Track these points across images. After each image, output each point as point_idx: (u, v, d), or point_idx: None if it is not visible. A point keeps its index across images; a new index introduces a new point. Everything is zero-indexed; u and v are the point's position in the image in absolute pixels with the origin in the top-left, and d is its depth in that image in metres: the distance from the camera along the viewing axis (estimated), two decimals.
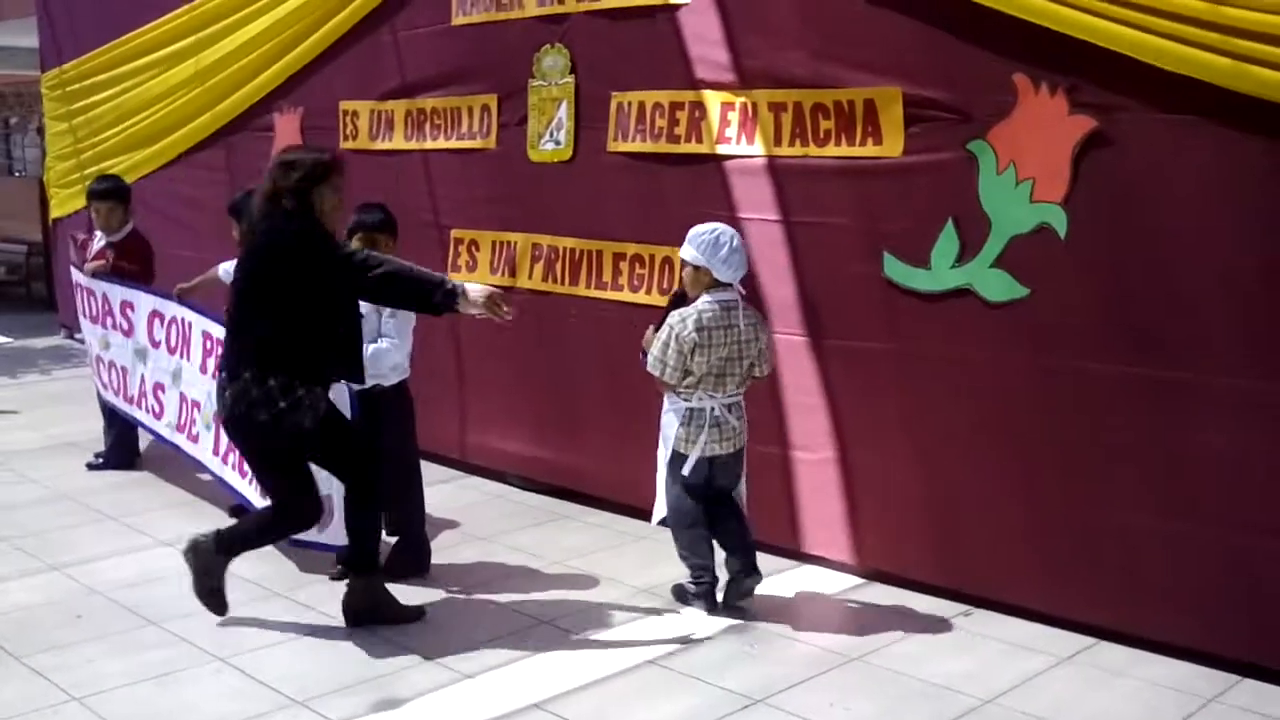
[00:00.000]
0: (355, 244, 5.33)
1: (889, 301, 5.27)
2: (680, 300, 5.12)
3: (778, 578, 5.57)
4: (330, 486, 5.41)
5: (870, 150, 5.28)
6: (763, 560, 5.70)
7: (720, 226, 5.05)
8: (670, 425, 5.12)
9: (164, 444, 6.90)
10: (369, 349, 5.29)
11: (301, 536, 5.50)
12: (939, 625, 5.05)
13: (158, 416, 6.83)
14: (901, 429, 5.32)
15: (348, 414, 5.20)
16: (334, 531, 5.42)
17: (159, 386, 6.83)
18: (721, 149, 5.81)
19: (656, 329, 5.06)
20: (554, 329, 6.65)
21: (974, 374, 5.06)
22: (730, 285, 5.03)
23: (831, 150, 5.42)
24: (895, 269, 5.22)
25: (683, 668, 4.63)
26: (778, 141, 5.60)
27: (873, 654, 4.74)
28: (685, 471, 5.07)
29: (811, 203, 5.52)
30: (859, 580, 5.53)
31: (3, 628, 4.97)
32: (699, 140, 5.90)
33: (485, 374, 7.14)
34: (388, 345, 5.36)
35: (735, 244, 5.00)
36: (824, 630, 5.01)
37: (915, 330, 5.21)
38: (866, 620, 5.11)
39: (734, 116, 5.75)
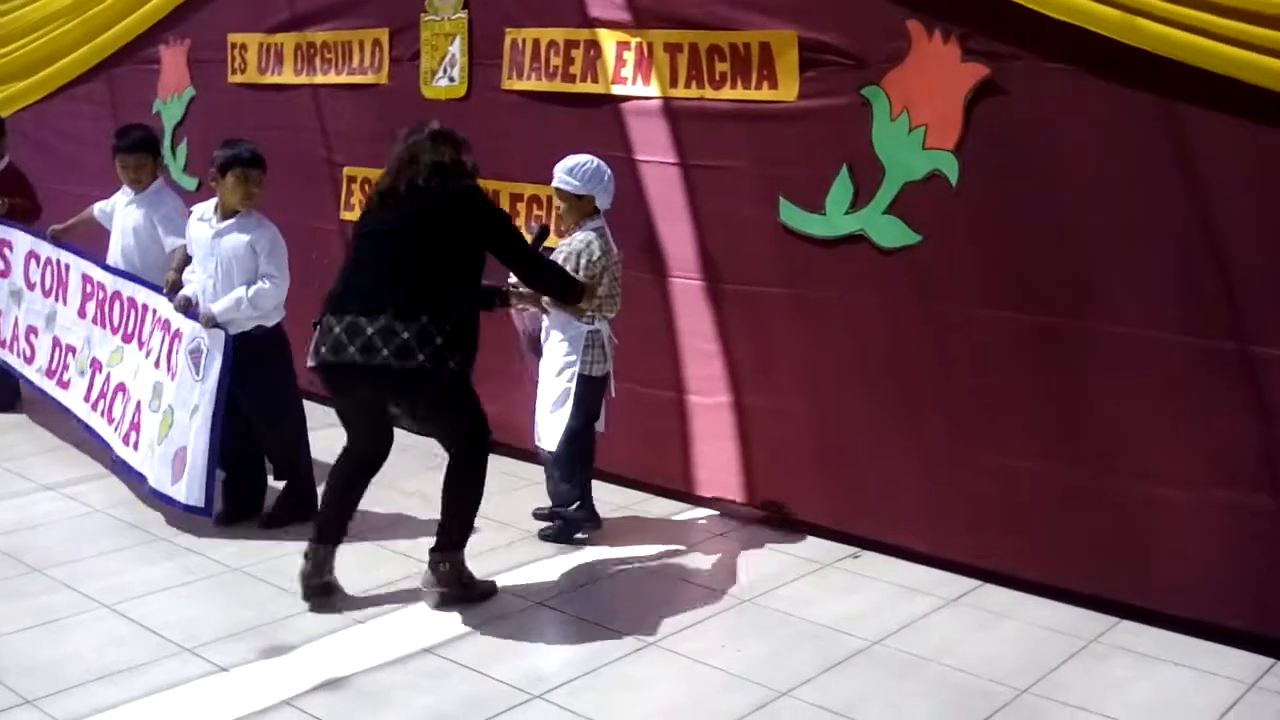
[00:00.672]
0: (230, 181, 5.24)
1: (784, 247, 5.28)
2: (545, 234, 5.15)
3: (672, 520, 5.64)
4: (185, 439, 5.30)
5: (766, 94, 5.27)
6: (658, 504, 5.79)
7: (593, 157, 5.13)
8: (569, 352, 5.13)
9: (33, 389, 6.70)
10: (250, 290, 5.20)
11: (161, 489, 5.39)
12: (829, 567, 5.11)
13: (28, 361, 6.64)
14: (795, 374, 5.36)
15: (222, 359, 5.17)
16: (183, 487, 5.31)
17: (31, 330, 6.63)
18: (617, 89, 5.75)
19: None
20: None
21: (866, 320, 5.10)
22: (600, 213, 5.15)
23: (727, 93, 5.39)
24: (791, 214, 5.24)
25: (575, 611, 4.65)
26: (674, 83, 5.56)
27: (763, 596, 4.80)
28: (613, 392, 5.23)
29: (708, 146, 5.50)
30: (751, 523, 5.58)
31: None
32: (594, 80, 5.84)
33: None
34: (270, 285, 5.26)
35: (610, 173, 5.17)
36: (716, 572, 5.05)
37: (810, 276, 5.24)
38: (758, 562, 5.16)
39: (629, 57, 5.70)
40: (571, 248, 5.09)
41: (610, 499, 5.77)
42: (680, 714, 3.88)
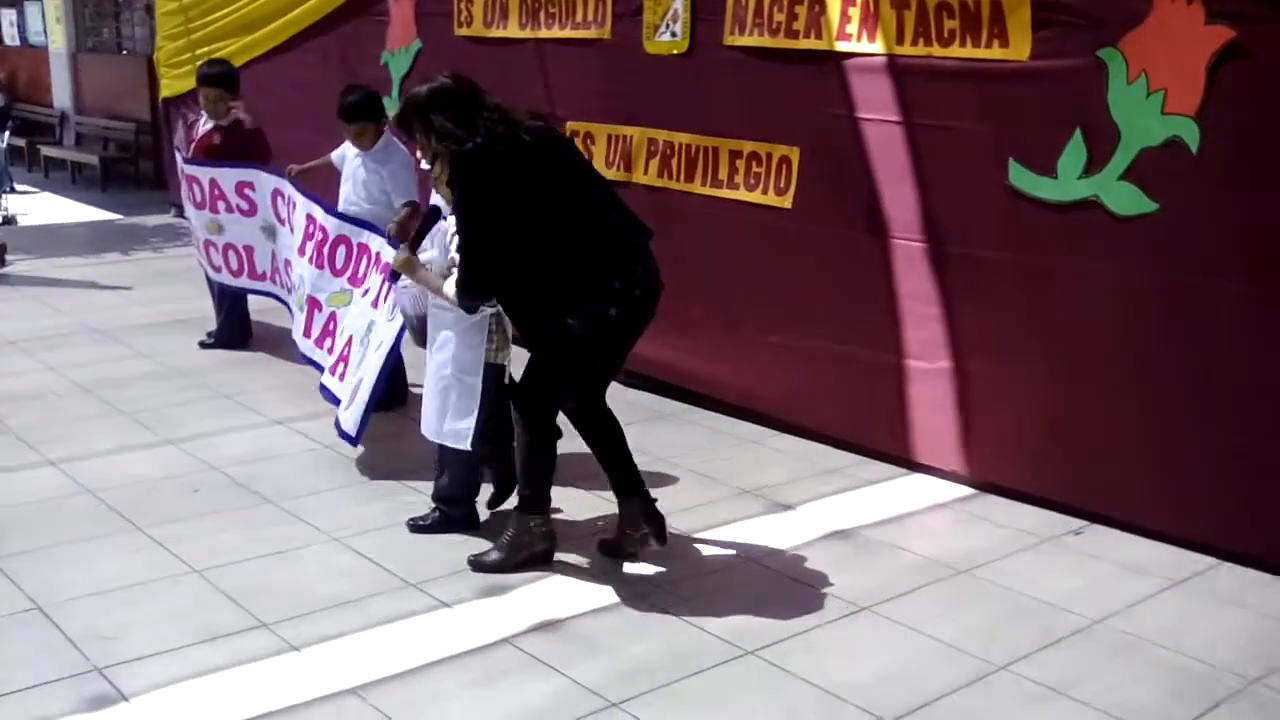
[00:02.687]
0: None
1: (1012, 210, 5.15)
2: (436, 216, 4.79)
3: (886, 485, 5.58)
4: (364, 371, 5.42)
5: (996, 53, 5.13)
6: (873, 467, 5.75)
7: None
8: (474, 341, 4.73)
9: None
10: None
11: (339, 413, 5.58)
12: (1050, 541, 4.99)
13: (290, 291, 6.87)
14: (1020, 341, 5.23)
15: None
16: (349, 414, 5.45)
17: (287, 263, 6.84)
18: (841, 46, 5.67)
19: (411, 247, 4.72)
20: (670, 227, 6.59)
21: (1097, 288, 4.95)
22: None
23: (956, 51, 5.28)
24: (1020, 177, 5.10)
25: (786, 570, 4.66)
26: (900, 40, 5.46)
27: (981, 567, 4.72)
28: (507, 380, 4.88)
29: (934, 105, 5.40)
30: (969, 491, 5.48)
31: (127, 498, 5.13)
32: (818, 36, 5.77)
33: None
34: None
35: None
36: (932, 541, 4.98)
37: (1038, 241, 5.10)
38: (975, 533, 5.07)
39: (854, 13, 5.61)
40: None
41: (824, 461, 5.77)
42: (893, 682, 3.85)
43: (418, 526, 4.95)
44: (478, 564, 4.59)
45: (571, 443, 4.70)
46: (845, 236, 5.75)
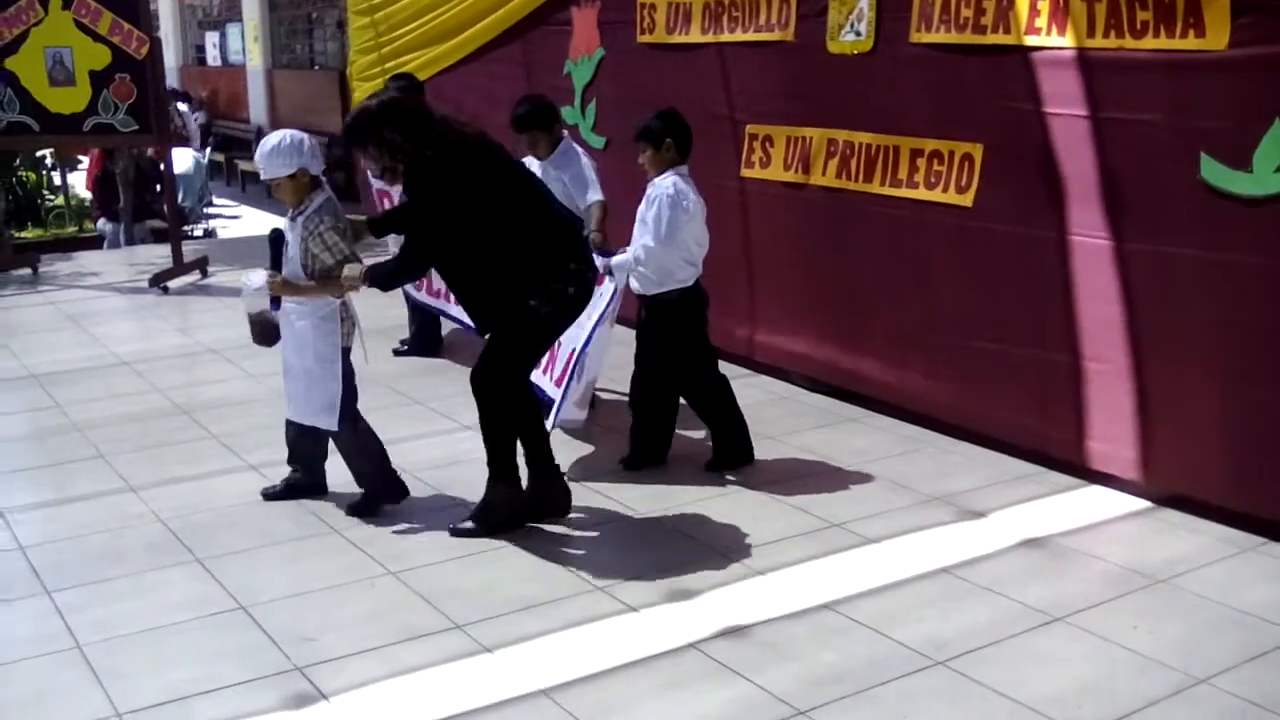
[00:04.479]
0: None
1: (1204, 205, 4.95)
2: (280, 238, 5.11)
3: (1079, 493, 5.44)
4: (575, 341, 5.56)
5: (1191, 43, 4.94)
6: (1047, 477, 5.60)
7: (284, 132, 5.08)
8: (328, 331, 5.08)
9: (472, 333, 7.08)
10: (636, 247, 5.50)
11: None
12: (1243, 553, 4.80)
13: None
14: (1209, 343, 5.01)
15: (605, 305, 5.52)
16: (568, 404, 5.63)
17: None
18: (1030, 40, 5.54)
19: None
20: (847, 228, 6.57)
21: None
22: (324, 184, 5.18)
23: (1149, 43, 5.10)
24: (1213, 171, 4.91)
25: (977, 578, 4.58)
26: (1090, 33, 5.31)
27: (1178, 578, 4.56)
28: (365, 359, 5.30)
29: (1124, 98, 5.22)
30: (1151, 503, 5.29)
31: (324, 501, 5.32)
32: (1006, 31, 5.65)
33: (777, 273, 7.11)
34: (648, 243, 5.44)
35: (306, 139, 5.10)
36: (1128, 549, 4.84)
37: (1233, 238, 4.88)
38: (1172, 541, 4.91)
39: (1044, 6, 5.47)
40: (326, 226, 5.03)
41: (1011, 467, 5.68)
42: (1091, 693, 3.76)
43: (270, 495, 5.38)
44: (456, 531, 4.99)
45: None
46: (1027, 234, 5.62)
